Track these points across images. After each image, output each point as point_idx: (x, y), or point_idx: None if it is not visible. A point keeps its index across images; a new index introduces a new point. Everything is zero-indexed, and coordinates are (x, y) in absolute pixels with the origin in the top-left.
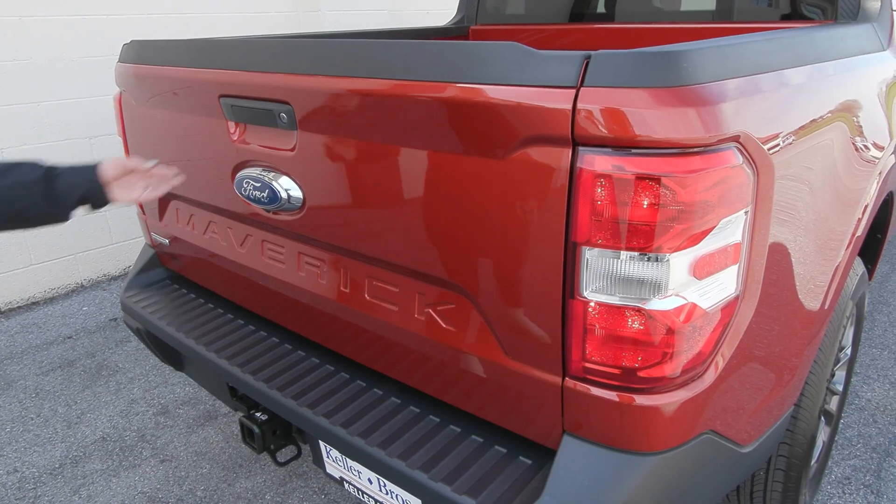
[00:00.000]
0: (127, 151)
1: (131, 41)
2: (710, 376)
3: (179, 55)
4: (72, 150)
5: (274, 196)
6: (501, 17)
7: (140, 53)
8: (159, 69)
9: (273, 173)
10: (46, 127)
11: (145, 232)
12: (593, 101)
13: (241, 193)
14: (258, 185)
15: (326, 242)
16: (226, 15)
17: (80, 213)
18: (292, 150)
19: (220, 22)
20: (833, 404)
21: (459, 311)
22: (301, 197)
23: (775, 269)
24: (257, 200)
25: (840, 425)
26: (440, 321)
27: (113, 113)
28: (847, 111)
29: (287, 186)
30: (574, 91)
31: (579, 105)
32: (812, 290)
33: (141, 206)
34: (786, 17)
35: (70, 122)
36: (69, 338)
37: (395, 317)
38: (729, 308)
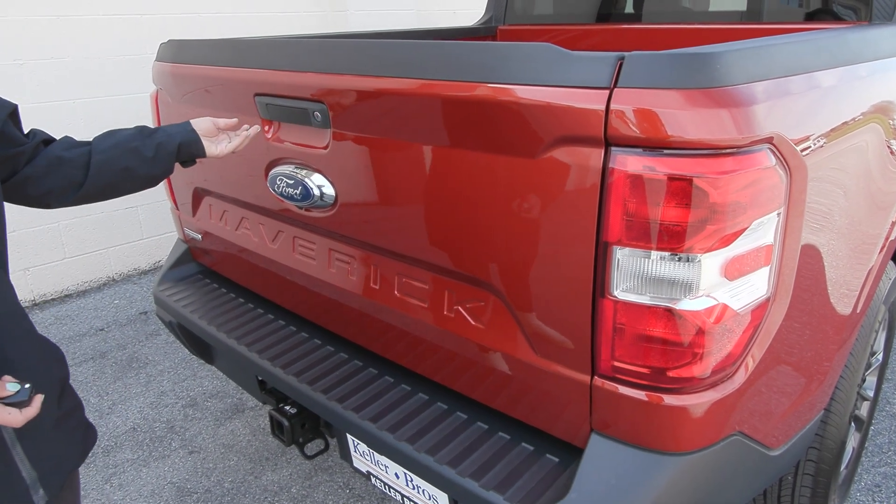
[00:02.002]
0: None
1: (168, 40)
2: (739, 378)
3: (215, 54)
4: None
5: (306, 193)
6: (529, 17)
7: (177, 52)
8: (196, 68)
9: (306, 171)
10: (81, 123)
11: (178, 227)
12: (626, 102)
13: (275, 190)
14: (291, 182)
15: (357, 239)
16: (256, 15)
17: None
18: (325, 147)
19: (249, 22)
20: (864, 410)
21: (489, 308)
22: (333, 194)
23: (807, 271)
24: (290, 197)
25: (871, 432)
26: (469, 318)
27: (148, 110)
28: (882, 113)
29: (320, 183)
30: (608, 92)
31: (612, 106)
32: (844, 293)
33: (175, 202)
34: (818, 18)
35: (105, 118)
36: (101, 330)
37: (424, 313)
38: (760, 310)
